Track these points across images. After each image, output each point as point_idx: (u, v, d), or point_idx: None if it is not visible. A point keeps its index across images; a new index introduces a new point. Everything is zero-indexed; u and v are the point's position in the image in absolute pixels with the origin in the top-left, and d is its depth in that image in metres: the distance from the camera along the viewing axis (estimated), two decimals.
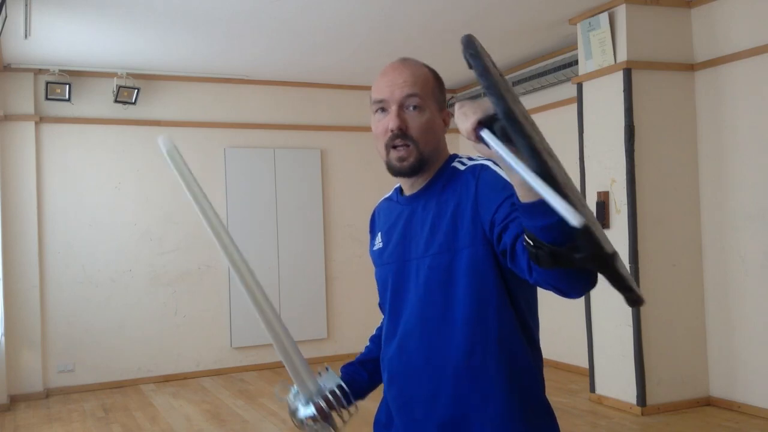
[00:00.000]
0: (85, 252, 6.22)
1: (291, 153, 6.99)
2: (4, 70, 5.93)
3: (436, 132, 1.44)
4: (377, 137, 1.45)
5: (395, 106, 1.40)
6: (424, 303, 1.40)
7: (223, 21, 4.96)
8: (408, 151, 1.40)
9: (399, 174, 1.44)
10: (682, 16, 4.85)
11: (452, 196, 1.40)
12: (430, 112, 1.42)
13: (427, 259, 1.40)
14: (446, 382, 1.37)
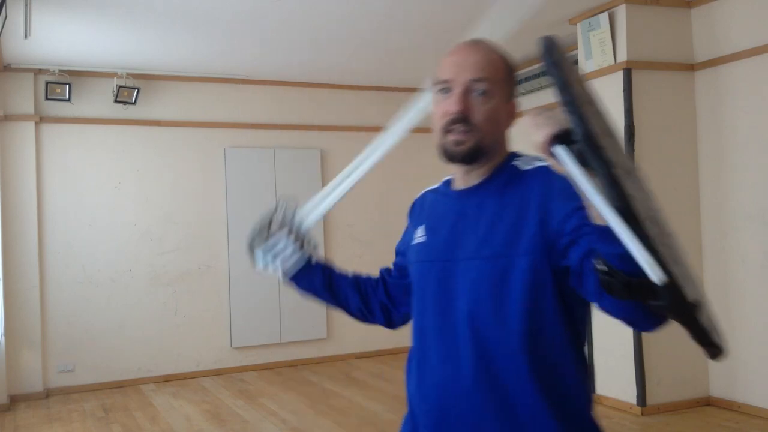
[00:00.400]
0: (85, 252, 6.22)
1: (291, 153, 7.00)
2: (4, 70, 5.93)
3: (499, 123, 1.33)
4: (434, 120, 1.36)
5: (459, 89, 1.30)
6: (473, 310, 1.28)
7: (224, 21, 4.96)
8: (466, 135, 1.29)
9: (453, 159, 1.32)
10: (682, 16, 4.86)
11: (514, 197, 1.30)
12: (496, 100, 1.31)
13: (477, 261, 1.29)
14: (495, 400, 1.25)
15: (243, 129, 6.85)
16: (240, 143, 6.82)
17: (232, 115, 6.81)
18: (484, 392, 1.26)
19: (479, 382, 1.26)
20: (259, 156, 6.86)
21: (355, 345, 7.14)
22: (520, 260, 1.25)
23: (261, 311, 6.75)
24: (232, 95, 6.79)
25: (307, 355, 6.97)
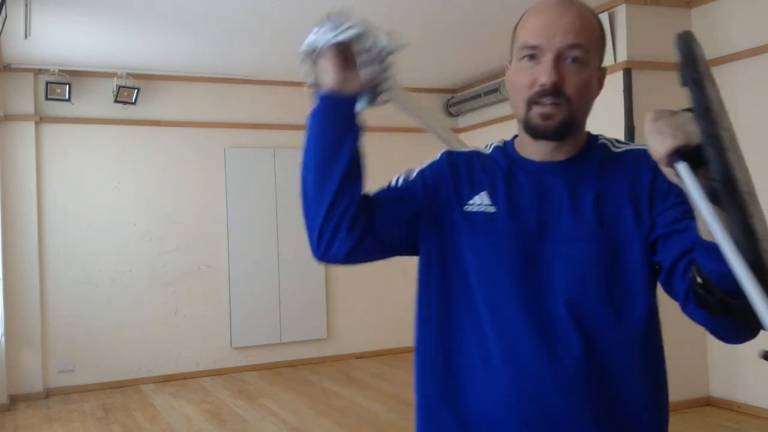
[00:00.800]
0: (85, 252, 6.22)
1: (291, 153, 6.99)
2: (4, 70, 5.93)
3: (591, 94, 1.21)
4: (518, 89, 1.17)
5: (552, 55, 1.12)
6: (578, 297, 1.12)
7: (224, 21, 4.96)
8: (557, 108, 1.13)
9: (540, 135, 1.16)
10: (682, 16, 4.86)
11: (617, 178, 1.18)
12: (590, 68, 1.17)
13: (584, 243, 1.14)
14: (600, 399, 1.11)
15: (243, 129, 6.85)
16: (240, 143, 6.82)
17: (232, 115, 6.81)
18: (589, 391, 1.11)
19: (583, 379, 1.10)
20: (259, 156, 6.86)
21: (355, 345, 7.14)
22: (633, 246, 1.13)
23: (261, 311, 6.75)
24: (232, 95, 6.79)
25: (307, 355, 6.97)
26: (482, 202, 1.21)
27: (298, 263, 6.92)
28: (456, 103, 7.40)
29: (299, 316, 6.90)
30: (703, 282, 0.96)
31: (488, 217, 1.20)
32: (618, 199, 1.16)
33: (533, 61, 1.15)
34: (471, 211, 1.21)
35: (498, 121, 6.91)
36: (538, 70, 1.14)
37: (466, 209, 1.22)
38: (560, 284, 1.13)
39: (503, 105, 6.82)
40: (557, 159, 1.21)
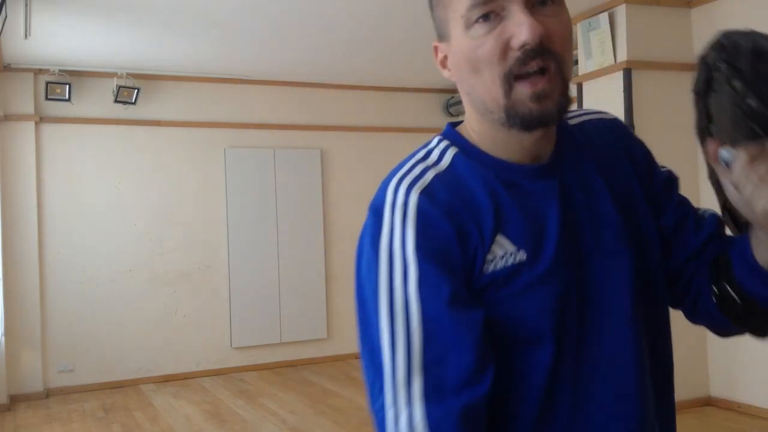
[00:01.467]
0: (85, 252, 6.22)
1: (291, 153, 6.99)
2: (4, 70, 5.93)
3: (571, 47, 0.87)
4: (483, 65, 0.83)
5: (520, 2, 0.80)
6: (636, 318, 0.90)
7: (223, 21, 4.96)
8: (551, 81, 0.82)
9: (537, 124, 0.83)
10: (682, 16, 4.86)
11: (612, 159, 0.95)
12: (566, 11, 0.85)
13: (622, 251, 0.90)
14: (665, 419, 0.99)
15: (243, 129, 6.85)
16: (240, 143, 6.82)
17: (232, 115, 6.81)
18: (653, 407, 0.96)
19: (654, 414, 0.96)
20: (259, 156, 6.86)
21: (355, 345, 7.10)
22: (654, 242, 0.94)
23: (261, 311, 6.75)
24: (232, 95, 6.79)
25: (307, 355, 6.97)
26: (506, 251, 0.84)
27: (298, 263, 6.92)
28: (456, 103, 7.40)
29: (299, 316, 6.90)
30: (735, 291, 0.85)
31: (522, 266, 0.84)
32: (624, 181, 0.95)
33: (491, 21, 0.81)
34: (499, 269, 0.83)
35: None
36: (507, 27, 0.81)
37: (494, 269, 0.83)
38: (610, 315, 0.88)
39: None
40: (546, 153, 0.91)
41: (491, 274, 0.83)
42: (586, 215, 0.90)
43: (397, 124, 7.44)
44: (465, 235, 0.83)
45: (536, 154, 0.90)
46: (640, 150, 0.98)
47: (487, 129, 0.89)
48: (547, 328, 0.83)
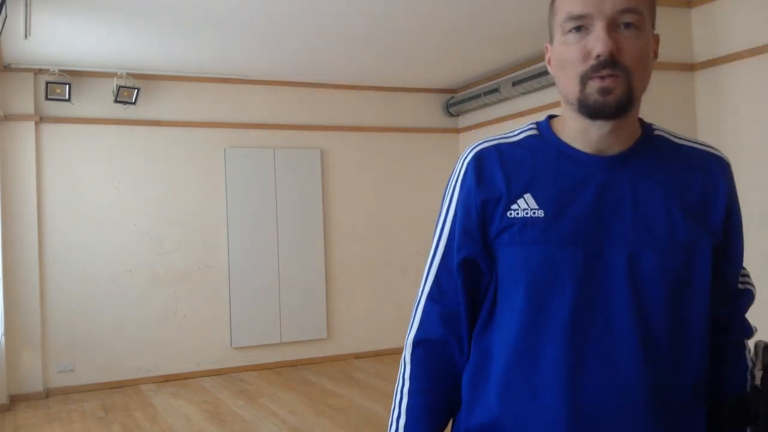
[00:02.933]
0: (85, 252, 6.22)
1: (291, 153, 6.99)
2: (4, 70, 5.93)
3: (649, 63, 1.05)
4: (566, 66, 1.04)
5: (603, 22, 1.00)
6: (648, 313, 1.02)
7: (223, 21, 4.96)
8: (616, 81, 1.01)
9: (600, 113, 1.02)
10: (682, 16, 4.86)
11: (687, 175, 1.08)
12: (647, 34, 1.04)
13: (658, 250, 1.03)
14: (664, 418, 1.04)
15: (243, 129, 6.85)
16: (240, 143, 6.82)
17: (232, 115, 6.81)
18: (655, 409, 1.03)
19: (656, 404, 1.03)
20: (259, 156, 6.86)
21: (355, 345, 7.14)
22: (705, 253, 1.06)
23: (261, 311, 6.75)
24: (232, 95, 6.79)
25: (307, 355, 6.97)
26: (528, 206, 1.06)
27: (298, 263, 6.92)
28: (456, 103, 7.40)
29: (299, 316, 6.90)
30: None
31: (536, 223, 1.05)
32: (689, 199, 1.07)
33: (581, 32, 1.02)
34: (515, 217, 1.07)
35: (498, 121, 6.91)
36: (590, 41, 1.01)
37: (512, 215, 1.07)
38: (627, 300, 1.02)
39: (503, 105, 6.82)
40: (612, 151, 1.08)
41: (511, 219, 1.07)
42: (628, 211, 1.05)
43: (397, 124, 7.43)
44: (490, 185, 1.09)
45: (601, 149, 1.08)
46: (735, 199, 1.13)
47: (568, 118, 1.09)
48: (535, 281, 1.04)
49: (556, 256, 1.04)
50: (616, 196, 1.05)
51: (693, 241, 1.05)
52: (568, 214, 1.04)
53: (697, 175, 1.09)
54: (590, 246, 1.03)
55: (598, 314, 1.03)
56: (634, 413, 1.01)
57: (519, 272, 1.06)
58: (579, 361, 1.02)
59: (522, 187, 1.07)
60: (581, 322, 1.03)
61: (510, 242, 1.07)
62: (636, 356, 1.01)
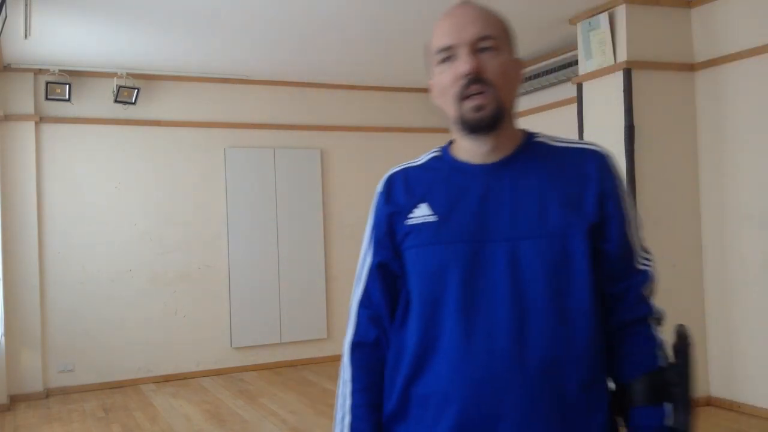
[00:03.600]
0: (85, 252, 6.22)
1: (291, 153, 6.99)
2: (4, 70, 5.93)
3: (513, 78, 1.24)
4: (444, 91, 1.22)
5: (467, 48, 1.19)
6: (529, 291, 1.17)
7: (223, 21, 4.96)
8: (485, 97, 1.18)
9: (476, 128, 1.20)
10: (682, 16, 4.85)
11: (560, 175, 1.23)
12: (506, 54, 1.23)
13: (534, 240, 1.19)
14: (549, 404, 1.15)
15: (243, 129, 6.85)
16: (240, 143, 6.82)
17: (232, 115, 6.81)
18: (537, 387, 1.15)
19: (529, 375, 1.15)
20: (259, 156, 6.86)
21: None
22: (577, 239, 1.19)
23: (261, 311, 6.76)
24: (232, 95, 6.79)
25: (307, 355, 6.97)
26: (423, 213, 1.26)
27: (298, 263, 6.93)
28: None
29: (299, 316, 6.90)
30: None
31: (430, 226, 1.24)
32: (562, 192, 1.22)
33: (450, 61, 1.21)
34: (413, 224, 1.26)
35: None
36: (457, 65, 1.20)
37: (407, 223, 1.26)
38: (509, 285, 1.18)
39: None
40: (494, 159, 1.25)
41: (410, 226, 1.26)
42: (507, 209, 1.21)
43: (397, 124, 7.44)
44: (395, 202, 1.30)
45: (485, 158, 1.25)
46: (609, 185, 1.24)
47: (458, 138, 1.29)
48: (429, 274, 1.22)
49: (447, 252, 1.21)
50: (496, 196, 1.22)
51: (567, 228, 1.19)
52: (456, 216, 1.22)
53: (570, 170, 1.24)
54: (475, 241, 1.20)
55: (484, 298, 1.18)
56: (520, 383, 1.14)
57: (419, 270, 1.24)
58: (468, 337, 1.17)
59: (419, 198, 1.27)
60: (469, 306, 1.18)
61: (411, 245, 1.26)
62: (514, 332, 1.16)
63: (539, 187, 1.22)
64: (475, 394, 1.16)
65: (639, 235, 1.28)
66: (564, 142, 1.30)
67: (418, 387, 1.23)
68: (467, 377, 1.16)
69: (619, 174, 1.27)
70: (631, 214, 1.26)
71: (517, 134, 1.29)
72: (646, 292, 1.27)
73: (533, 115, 6.37)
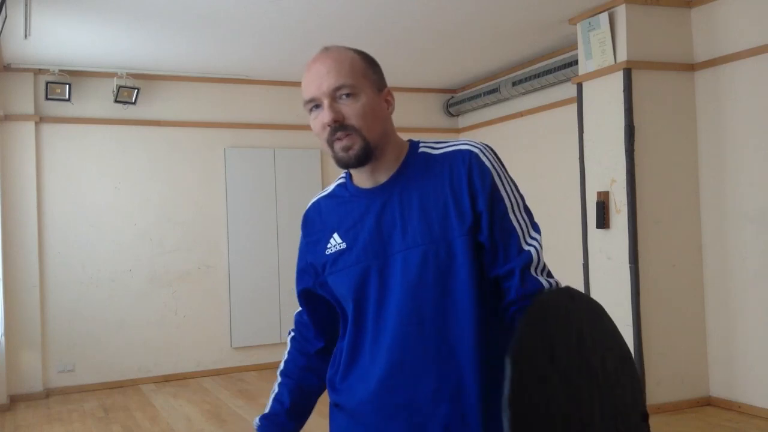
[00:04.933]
0: (85, 252, 6.22)
1: (291, 153, 6.99)
2: (4, 70, 5.93)
3: (378, 115, 1.36)
4: (318, 135, 1.39)
5: (327, 100, 1.34)
6: (421, 295, 1.32)
7: (223, 21, 4.96)
8: (351, 139, 1.33)
9: (350, 165, 1.36)
10: (682, 16, 4.85)
11: (437, 182, 1.35)
12: (365, 96, 1.35)
13: (420, 248, 1.32)
14: (451, 381, 1.32)
15: (243, 129, 6.85)
16: (240, 143, 6.82)
17: (232, 115, 6.81)
18: (445, 372, 1.32)
19: (438, 363, 1.32)
20: (259, 156, 6.86)
21: None
22: (457, 242, 1.31)
23: (261, 311, 6.76)
24: (232, 95, 6.79)
25: None
26: (336, 242, 1.41)
27: None
28: (456, 103, 7.40)
29: None
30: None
31: (344, 252, 1.39)
32: (440, 198, 1.34)
33: (318, 109, 1.37)
34: (331, 253, 1.42)
35: (498, 121, 6.91)
36: (322, 115, 1.35)
37: (329, 253, 1.42)
38: (406, 291, 1.32)
39: (503, 105, 6.82)
40: (382, 181, 1.38)
41: (327, 255, 1.42)
42: (398, 223, 1.34)
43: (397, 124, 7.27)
44: (313, 236, 1.48)
45: (374, 181, 1.39)
46: (479, 181, 1.34)
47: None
48: (350, 293, 1.38)
49: (360, 273, 1.36)
50: (389, 214, 1.36)
51: (446, 233, 1.32)
52: (360, 240, 1.37)
53: (445, 174, 1.35)
54: (379, 257, 1.35)
55: (388, 303, 1.34)
56: (422, 370, 1.32)
57: (343, 292, 1.40)
58: (377, 334, 1.35)
59: (330, 229, 1.43)
60: (379, 311, 1.35)
61: (331, 272, 1.42)
62: (408, 326, 1.32)
63: (420, 197, 1.34)
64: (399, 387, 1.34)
65: (523, 216, 1.36)
66: (442, 147, 1.40)
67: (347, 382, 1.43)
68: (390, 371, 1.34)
69: (491, 165, 1.35)
70: (510, 199, 1.35)
71: (401, 151, 1.40)
72: (534, 268, 1.34)
73: (533, 115, 6.37)
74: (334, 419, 1.50)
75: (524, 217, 1.36)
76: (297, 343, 1.61)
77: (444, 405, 1.32)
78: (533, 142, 6.32)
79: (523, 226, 1.35)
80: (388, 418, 1.34)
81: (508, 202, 1.35)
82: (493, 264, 1.33)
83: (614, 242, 4.78)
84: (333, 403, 1.50)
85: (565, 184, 5.81)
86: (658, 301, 4.68)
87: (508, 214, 1.34)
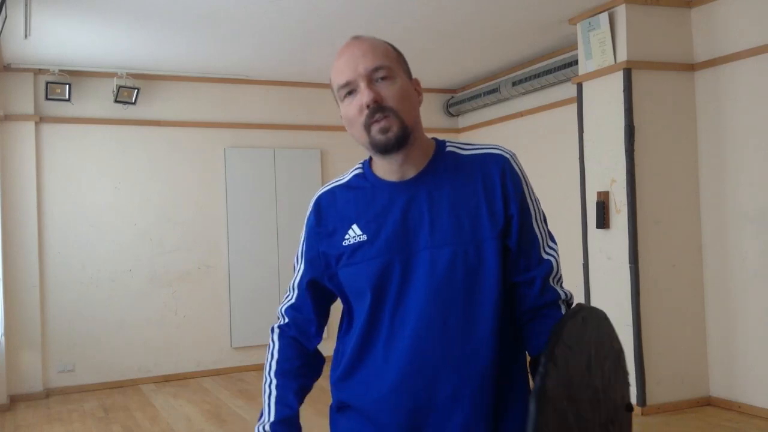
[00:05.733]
0: (85, 252, 6.22)
1: (291, 153, 7.00)
2: (4, 70, 5.93)
3: (412, 100, 1.35)
4: (352, 122, 1.33)
5: (363, 82, 1.30)
6: (447, 296, 1.30)
7: (223, 21, 4.96)
8: (389, 120, 1.30)
9: (386, 149, 1.31)
10: (682, 16, 4.86)
11: (468, 183, 1.35)
12: (401, 79, 1.34)
13: (450, 248, 1.31)
14: (472, 383, 1.31)
15: (243, 129, 6.85)
16: (240, 143, 6.82)
17: (232, 115, 6.81)
18: (463, 379, 1.31)
19: (456, 369, 1.31)
20: (259, 156, 6.86)
21: None
22: (487, 243, 1.32)
23: (261, 311, 6.76)
24: (232, 95, 6.79)
25: None
26: (355, 234, 1.37)
27: None
28: (456, 103, 7.40)
29: None
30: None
31: (362, 245, 1.36)
32: (471, 199, 1.34)
33: (352, 95, 1.32)
34: (347, 245, 1.38)
35: (498, 121, 6.91)
36: (360, 97, 1.31)
37: (345, 244, 1.38)
38: (430, 290, 1.30)
39: (503, 105, 6.82)
40: (411, 175, 1.37)
41: (345, 247, 1.37)
42: (426, 219, 1.33)
43: None
44: (327, 225, 1.42)
45: (401, 174, 1.36)
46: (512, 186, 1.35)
47: (375, 158, 1.40)
48: (368, 287, 1.34)
49: (381, 266, 1.33)
50: (417, 209, 1.34)
51: (480, 235, 1.32)
52: (383, 233, 1.34)
53: (477, 176, 1.35)
54: (403, 253, 1.32)
55: (408, 301, 1.31)
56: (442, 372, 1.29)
57: (360, 285, 1.36)
58: (393, 331, 1.33)
59: (349, 220, 1.39)
60: (397, 307, 1.32)
61: (347, 264, 1.37)
62: (430, 328, 1.30)
63: (452, 196, 1.34)
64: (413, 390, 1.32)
65: (544, 227, 1.39)
66: (471, 148, 1.40)
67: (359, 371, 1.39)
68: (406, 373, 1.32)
69: (521, 172, 1.38)
70: (534, 208, 1.37)
71: (428, 147, 1.39)
72: (552, 278, 1.37)
73: (533, 115, 6.37)
74: (338, 419, 1.45)
75: (544, 227, 1.39)
76: (292, 341, 1.50)
77: (462, 407, 1.30)
78: (533, 142, 6.32)
79: (544, 235, 1.38)
80: (403, 418, 1.32)
81: (532, 210, 1.37)
82: (513, 270, 1.35)
83: (614, 242, 4.78)
84: (337, 401, 1.44)
85: (565, 184, 5.81)
86: (658, 301, 4.68)
87: (532, 223, 1.37)
